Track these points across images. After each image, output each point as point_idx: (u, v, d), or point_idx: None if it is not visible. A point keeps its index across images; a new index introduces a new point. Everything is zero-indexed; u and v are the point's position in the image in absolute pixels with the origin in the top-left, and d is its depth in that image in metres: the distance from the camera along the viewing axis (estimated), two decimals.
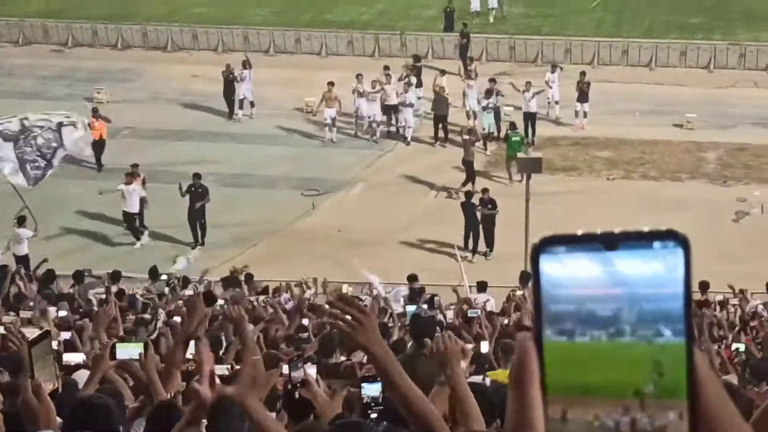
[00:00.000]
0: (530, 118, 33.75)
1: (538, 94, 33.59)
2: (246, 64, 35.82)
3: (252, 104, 36.12)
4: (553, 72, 35.10)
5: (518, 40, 42.03)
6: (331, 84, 34.41)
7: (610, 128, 34.66)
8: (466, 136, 31.13)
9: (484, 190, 27.81)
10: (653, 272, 1.65)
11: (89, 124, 32.06)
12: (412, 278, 22.41)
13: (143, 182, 28.38)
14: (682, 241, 1.66)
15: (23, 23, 44.94)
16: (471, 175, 30.60)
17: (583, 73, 34.99)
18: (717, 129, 35.13)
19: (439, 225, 29.16)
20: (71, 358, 10.06)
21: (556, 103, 35.11)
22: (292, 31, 43.66)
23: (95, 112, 32.66)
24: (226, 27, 44.08)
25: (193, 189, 28.18)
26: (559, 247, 1.68)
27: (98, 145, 32.30)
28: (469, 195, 27.93)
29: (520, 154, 28.47)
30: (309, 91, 35.73)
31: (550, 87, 34.75)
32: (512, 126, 32.20)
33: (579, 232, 1.69)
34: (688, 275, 1.66)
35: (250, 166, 33.13)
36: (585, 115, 34.69)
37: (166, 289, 20.62)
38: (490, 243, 27.55)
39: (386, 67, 35.09)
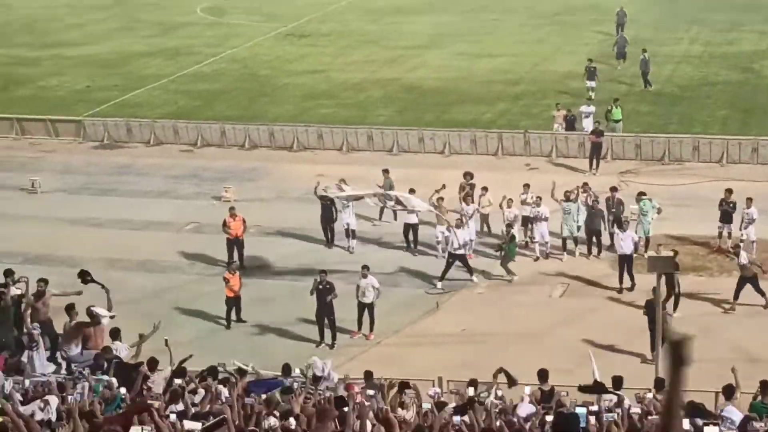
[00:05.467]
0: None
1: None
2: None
3: (354, 234, 34.28)
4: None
5: (644, 138, 41.60)
6: (440, 200, 33.55)
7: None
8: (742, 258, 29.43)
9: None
10: None
11: (226, 223, 32.74)
12: (542, 375, 21.77)
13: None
14: None
15: (155, 124, 46.20)
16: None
17: (729, 191, 33.14)
18: None
19: (564, 325, 28.75)
20: None
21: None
22: (415, 130, 43.99)
23: (231, 211, 33.21)
24: (351, 127, 44.65)
25: (320, 286, 28.29)
26: None
27: (234, 244, 32.75)
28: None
29: (649, 253, 27.94)
30: (431, 190, 35.55)
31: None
32: (508, 227, 32.04)
33: None
34: None
35: (374, 264, 33.13)
36: (729, 236, 32.67)
37: (296, 384, 20.50)
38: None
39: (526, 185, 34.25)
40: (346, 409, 10.34)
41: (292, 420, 15.39)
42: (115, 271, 31.88)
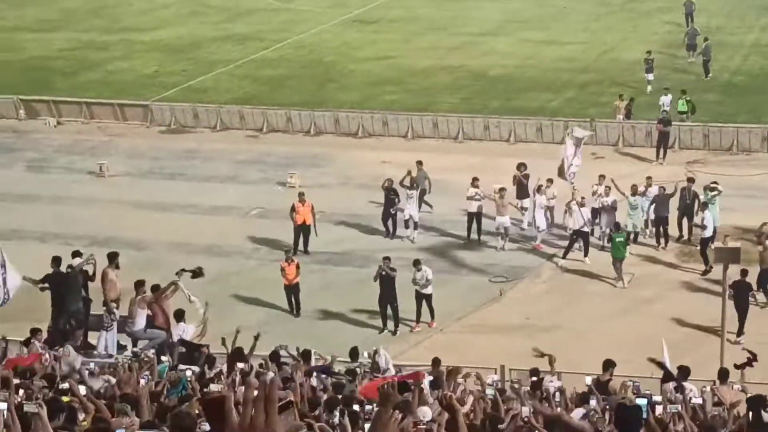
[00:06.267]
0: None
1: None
2: (414, 184, 34.04)
3: (416, 225, 34.14)
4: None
5: (712, 128, 41.11)
6: (503, 189, 33.28)
7: None
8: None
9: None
10: None
11: (294, 207, 32.85)
12: (603, 365, 21.64)
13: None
14: None
15: (221, 110, 46.50)
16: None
17: None
18: None
19: (630, 315, 28.56)
20: None
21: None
22: (480, 117, 43.85)
23: (301, 197, 33.31)
24: (416, 114, 44.60)
25: (384, 273, 28.30)
26: None
27: (301, 230, 32.86)
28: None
29: (717, 244, 27.65)
30: (494, 179, 35.37)
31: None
32: (617, 227, 31.19)
33: None
34: None
35: (436, 253, 33.11)
36: None
37: (359, 369, 20.63)
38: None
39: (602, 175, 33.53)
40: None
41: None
42: (180, 255, 32.14)
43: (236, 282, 31.55)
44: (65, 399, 12.76)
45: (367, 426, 13.38)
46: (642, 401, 13.45)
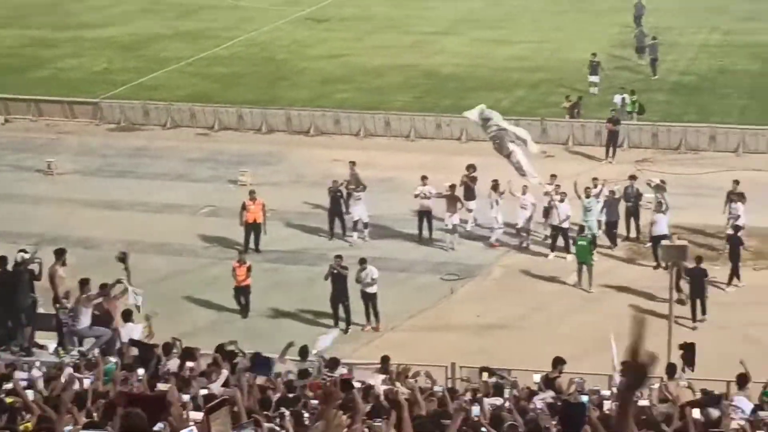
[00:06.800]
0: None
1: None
2: (360, 185, 33.92)
3: (366, 225, 34.03)
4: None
5: (661, 127, 41.47)
6: (452, 187, 33.28)
7: (757, 217, 33.56)
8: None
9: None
10: None
11: (245, 206, 32.70)
12: (553, 362, 21.74)
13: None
14: None
15: (171, 107, 46.21)
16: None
17: (735, 182, 32.80)
18: None
19: (581, 313, 28.73)
20: None
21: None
22: (432, 116, 43.91)
23: (252, 195, 33.16)
24: (368, 112, 44.58)
25: (335, 271, 28.27)
26: None
27: (251, 228, 32.71)
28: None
29: (664, 242, 27.88)
30: (446, 177, 35.42)
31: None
32: (580, 230, 31.23)
33: None
34: None
35: (387, 252, 33.12)
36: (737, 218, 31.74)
37: (311, 369, 20.63)
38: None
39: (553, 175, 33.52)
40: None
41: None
42: (131, 254, 31.86)
43: (187, 280, 31.38)
44: (8, 400, 12.63)
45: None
46: (585, 398, 13.54)
